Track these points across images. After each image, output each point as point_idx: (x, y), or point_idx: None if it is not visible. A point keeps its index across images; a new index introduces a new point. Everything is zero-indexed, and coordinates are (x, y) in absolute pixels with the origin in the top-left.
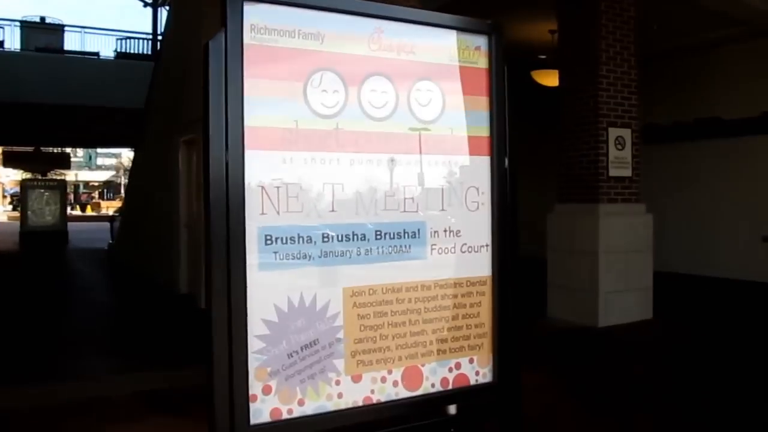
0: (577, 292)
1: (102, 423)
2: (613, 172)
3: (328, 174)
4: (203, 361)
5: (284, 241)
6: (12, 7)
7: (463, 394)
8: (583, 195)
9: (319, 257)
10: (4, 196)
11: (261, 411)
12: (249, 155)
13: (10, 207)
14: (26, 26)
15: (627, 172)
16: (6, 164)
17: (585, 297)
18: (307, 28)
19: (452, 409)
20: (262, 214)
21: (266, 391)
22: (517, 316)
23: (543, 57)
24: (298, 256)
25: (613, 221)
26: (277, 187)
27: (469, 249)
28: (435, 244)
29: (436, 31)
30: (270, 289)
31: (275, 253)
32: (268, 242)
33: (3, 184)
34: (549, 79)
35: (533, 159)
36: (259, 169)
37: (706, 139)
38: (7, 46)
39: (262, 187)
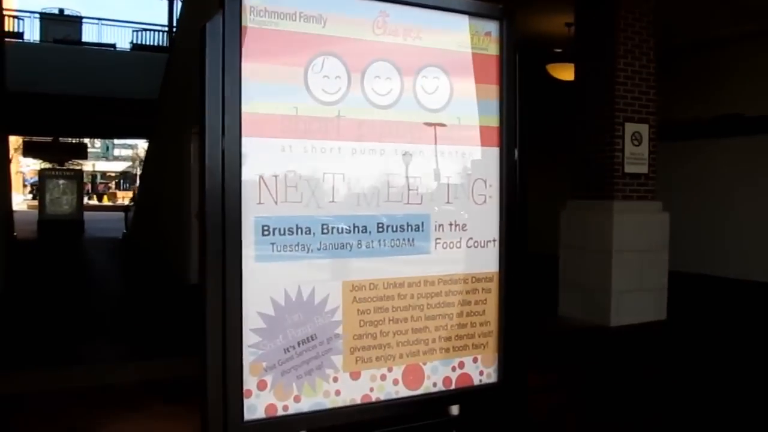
0: (589, 291)
1: (104, 410)
2: (628, 169)
3: (328, 163)
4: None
5: (282, 232)
6: (31, 0)
7: (466, 394)
8: (597, 191)
9: (319, 249)
10: (24, 186)
11: (255, 407)
12: (246, 143)
13: (30, 196)
14: (45, 18)
15: (643, 169)
16: (26, 154)
17: (597, 296)
18: (309, 10)
19: (455, 410)
20: (260, 203)
21: (261, 386)
22: (526, 314)
23: (559, 50)
24: (297, 247)
25: (628, 219)
26: (276, 176)
27: (476, 244)
28: (439, 239)
29: (445, 16)
30: (267, 282)
31: (272, 244)
32: (266, 233)
33: (23, 173)
34: (565, 72)
35: (549, 153)
36: (257, 157)
37: (726, 137)
38: (26, 37)
39: (260, 176)
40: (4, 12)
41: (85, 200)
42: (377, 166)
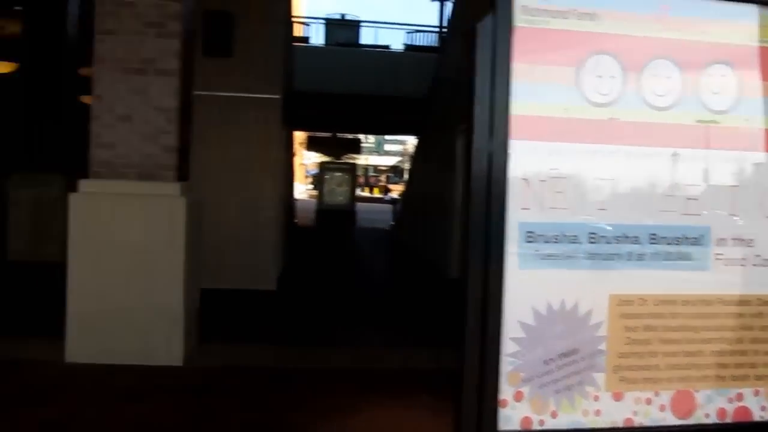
0: None
1: (366, 393)
2: None
3: (599, 168)
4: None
5: (547, 239)
6: (317, 7)
7: (744, 429)
8: None
9: (585, 259)
10: (306, 177)
11: (510, 418)
12: (513, 145)
13: (311, 186)
14: (329, 23)
15: None
16: (309, 148)
17: None
18: (583, 7)
19: None
20: (525, 208)
21: (517, 397)
22: None
23: None
24: (562, 256)
25: None
26: (543, 181)
27: (764, 262)
28: (720, 254)
29: (731, 7)
30: (528, 290)
31: (536, 251)
32: (530, 239)
33: (305, 165)
34: None
35: None
36: (524, 160)
37: None
38: (312, 42)
39: (526, 180)
40: (294, 19)
41: (358, 191)
42: (652, 172)
